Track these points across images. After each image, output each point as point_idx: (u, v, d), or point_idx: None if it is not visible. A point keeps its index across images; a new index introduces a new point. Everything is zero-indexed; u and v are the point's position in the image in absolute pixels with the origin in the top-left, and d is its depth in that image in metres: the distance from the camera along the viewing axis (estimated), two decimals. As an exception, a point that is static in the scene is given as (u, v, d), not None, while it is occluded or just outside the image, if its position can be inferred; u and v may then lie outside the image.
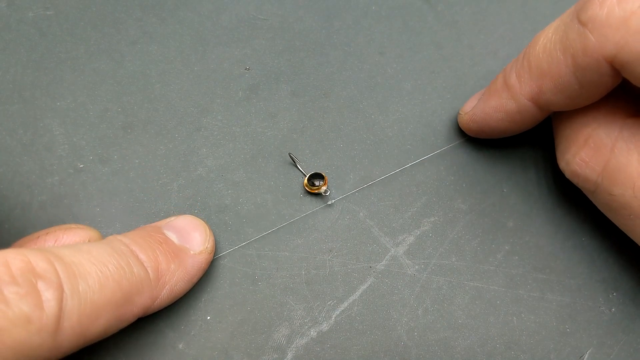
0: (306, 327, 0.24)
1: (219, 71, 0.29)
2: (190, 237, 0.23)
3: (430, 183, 0.27)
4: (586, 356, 0.24)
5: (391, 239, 0.26)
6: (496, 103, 0.24)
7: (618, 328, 0.24)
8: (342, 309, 0.24)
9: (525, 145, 0.28)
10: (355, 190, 0.26)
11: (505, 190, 0.27)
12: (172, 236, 0.23)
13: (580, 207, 0.26)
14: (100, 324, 0.18)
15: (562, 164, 0.23)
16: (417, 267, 0.25)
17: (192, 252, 0.23)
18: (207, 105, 0.28)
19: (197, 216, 0.25)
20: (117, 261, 0.19)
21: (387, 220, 0.26)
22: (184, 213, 0.25)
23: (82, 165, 0.26)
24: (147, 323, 0.23)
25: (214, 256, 0.24)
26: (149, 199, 0.26)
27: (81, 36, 0.30)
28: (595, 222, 0.26)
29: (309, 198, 0.26)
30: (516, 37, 0.30)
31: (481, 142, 0.28)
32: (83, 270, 0.18)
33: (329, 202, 0.26)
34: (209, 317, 0.24)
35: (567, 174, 0.23)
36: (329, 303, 0.24)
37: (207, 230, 0.24)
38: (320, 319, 0.24)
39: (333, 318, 0.24)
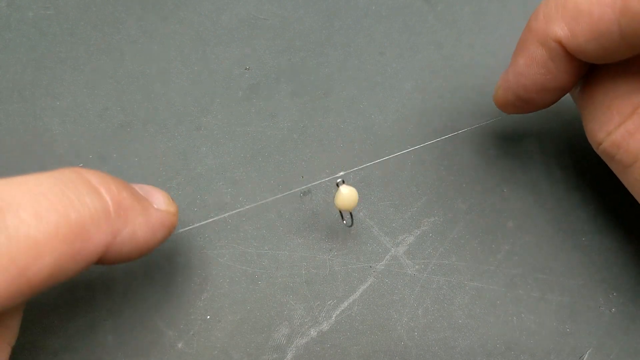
0: (306, 326, 0.24)
1: (219, 71, 0.29)
2: (153, 196, 0.21)
3: (430, 183, 0.27)
4: (586, 356, 0.24)
5: (391, 239, 0.26)
6: (525, 58, 0.22)
7: (618, 328, 0.24)
8: (342, 308, 0.24)
9: (526, 146, 0.28)
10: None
11: (505, 191, 0.27)
12: (135, 188, 0.20)
13: (580, 207, 0.26)
14: (45, 263, 0.15)
15: (601, 135, 0.21)
16: (417, 267, 0.25)
17: (155, 206, 0.20)
18: (207, 104, 0.28)
19: (196, 214, 0.25)
20: (61, 190, 0.16)
21: (387, 220, 0.26)
22: (184, 211, 0.25)
23: (81, 164, 0.26)
24: (147, 322, 0.23)
25: (182, 229, 0.23)
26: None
27: (81, 36, 0.30)
28: (596, 222, 0.26)
29: (309, 197, 0.26)
30: (516, 37, 0.30)
31: (482, 141, 0.28)
32: (13, 202, 0.15)
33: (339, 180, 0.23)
34: (208, 317, 0.24)
35: (605, 145, 0.21)
36: (329, 303, 0.24)
37: (170, 198, 0.21)
38: (320, 318, 0.24)
39: (333, 318, 0.24)
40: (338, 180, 0.22)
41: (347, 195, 0.22)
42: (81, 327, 0.23)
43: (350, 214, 0.24)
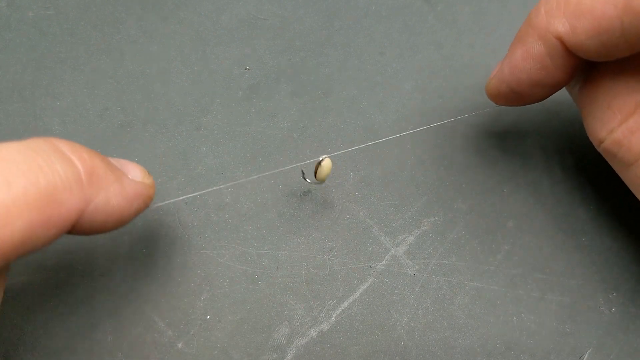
0: (306, 326, 0.24)
1: (219, 71, 0.29)
2: (128, 168, 0.21)
3: (430, 183, 0.27)
4: (586, 356, 0.24)
5: (391, 238, 0.26)
6: (523, 51, 0.22)
7: (618, 328, 0.24)
8: (342, 308, 0.24)
9: (526, 146, 0.28)
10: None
11: (505, 191, 0.27)
12: (109, 159, 0.21)
13: (580, 207, 0.26)
14: (16, 228, 0.15)
15: (603, 133, 0.21)
16: (417, 267, 0.25)
17: (130, 176, 0.20)
18: (207, 104, 0.28)
19: (196, 213, 0.25)
20: (30, 157, 0.16)
21: (387, 220, 0.26)
22: (184, 211, 0.25)
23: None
24: (147, 322, 0.23)
25: (162, 204, 0.23)
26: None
27: (81, 36, 0.30)
28: (595, 222, 0.26)
29: (309, 197, 0.26)
30: (516, 37, 0.30)
31: (482, 141, 0.28)
32: None
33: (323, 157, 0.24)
34: (208, 317, 0.24)
35: (607, 143, 0.21)
36: (329, 303, 0.24)
37: (146, 171, 0.22)
38: (320, 318, 0.24)
39: (333, 318, 0.24)
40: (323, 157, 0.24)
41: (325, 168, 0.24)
42: (81, 327, 0.23)
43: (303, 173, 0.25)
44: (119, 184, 0.19)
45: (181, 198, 0.25)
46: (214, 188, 0.26)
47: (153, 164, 0.27)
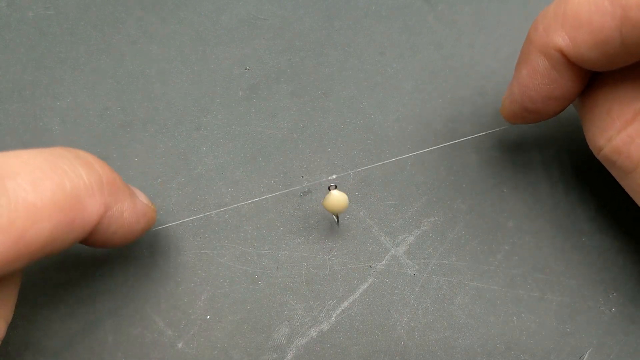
0: (306, 326, 0.24)
1: (219, 71, 0.29)
2: (137, 192, 0.22)
3: (430, 183, 0.27)
4: (586, 356, 0.24)
5: (391, 238, 0.26)
6: (528, 69, 0.22)
7: (618, 328, 0.24)
8: (342, 308, 0.24)
9: (526, 146, 0.28)
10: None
11: (505, 191, 0.27)
12: None
13: (579, 207, 0.26)
14: (42, 228, 0.16)
15: (602, 141, 0.21)
16: (417, 267, 0.25)
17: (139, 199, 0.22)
18: (207, 104, 0.28)
19: (196, 213, 0.25)
20: (54, 162, 0.17)
21: (387, 220, 0.26)
22: (184, 211, 0.25)
23: (81, 165, 0.26)
24: (147, 322, 0.23)
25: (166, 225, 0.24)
26: (148, 196, 0.26)
27: (81, 36, 0.30)
28: (595, 222, 0.26)
29: (309, 197, 0.26)
30: (516, 37, 0.30)
31: (482, 141, 0.28)
32: (10, 171, 0.16)
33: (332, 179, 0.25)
34: (208, 317, 0.24)
35: (606, 151, 0.21)
36: (329, 303, 0.24)
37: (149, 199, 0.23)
38: (320, 318, 0.24)
39: (333, 318, 0.24)
40: (330, 185, 0.23)
41: (336, 199, 0.23)
42: (82, 327, 0.23)
43: (337, 216, 0.25)
44: (132, 200, 0.20)
45: (191, 218, 0.25)
46: (222, 209, 0.26)
47: (153, 164, 0.27)
